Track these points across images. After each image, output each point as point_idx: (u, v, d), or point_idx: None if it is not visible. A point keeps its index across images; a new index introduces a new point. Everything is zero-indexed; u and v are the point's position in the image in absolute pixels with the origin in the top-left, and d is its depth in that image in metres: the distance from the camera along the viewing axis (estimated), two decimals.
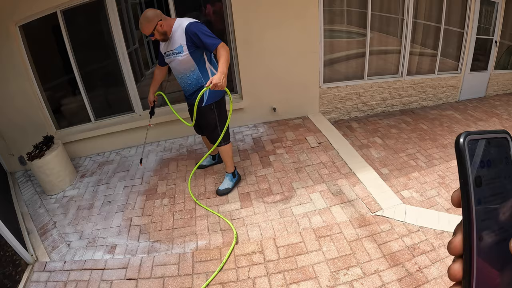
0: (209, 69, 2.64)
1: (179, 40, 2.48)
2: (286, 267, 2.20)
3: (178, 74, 2.66)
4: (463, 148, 0.33)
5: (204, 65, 2.61)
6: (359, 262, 2.22)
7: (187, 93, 2.77)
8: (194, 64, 2.56)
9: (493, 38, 5.40)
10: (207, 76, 2.61)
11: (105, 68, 3.79)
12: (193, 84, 2.65)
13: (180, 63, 2.55)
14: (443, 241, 2.40)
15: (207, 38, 2.41)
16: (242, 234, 2.52)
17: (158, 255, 2.43)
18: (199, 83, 2.64)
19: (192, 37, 2.43)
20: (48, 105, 3.75)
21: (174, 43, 2.51)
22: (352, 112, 4.66)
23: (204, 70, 2.62)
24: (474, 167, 0.33)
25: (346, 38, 4.44)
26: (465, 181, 0.33)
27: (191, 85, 2.66)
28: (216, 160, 3.45)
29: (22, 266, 2.46)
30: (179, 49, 2.50)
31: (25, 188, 3.61)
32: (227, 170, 3.04)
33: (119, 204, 3.05)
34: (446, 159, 3.77)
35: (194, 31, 2.41)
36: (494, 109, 5.33)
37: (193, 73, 2.60)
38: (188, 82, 2.65)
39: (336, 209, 2.71)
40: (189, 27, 2.43)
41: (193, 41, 2.44)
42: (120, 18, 3.56)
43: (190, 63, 2.54)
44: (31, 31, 3.41)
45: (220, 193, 2.99)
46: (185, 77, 2.63)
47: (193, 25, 2.44)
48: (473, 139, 0.34)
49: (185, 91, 2.78)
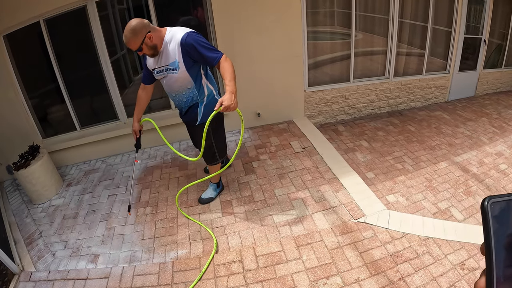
0: (205, 85, 2.40)
1: (173, 55, 2.18)
2: (264, 277, 2.21)
3: (171, 92, 2.40)
4: (486, 209, 0.41)
5: (201, 80, 2.36)
6: (340, 271, 2.22)
7: (181, 109, 2.55)
8: (191, 81, 2.29)
9: (481, 37, 5.40)
10: (202, 93, 2.39)
11: (89, 76, 3.78)
12: (188, 101, 2.42)
13: (176, 80, 2.28)
14: (428, 247, 2.40)
15: (207, 51, 2.13)
16: (223, 243, 2.52)
17: (139, 265, 2.44)
18: (194, 100, 2.42)
19: (189, 51, 2.14)
20: (34, 113, 3.75)
21: (167, 57, 2.21)
22: (338, 115, 4.67)
23: (201, 86, 2.37)
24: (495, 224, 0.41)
25: (331, 40, 4.43)
26: (487, 235, 0.41)
27: (186, 103, 2.43)
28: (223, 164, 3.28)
29: (9, 276, 2.48)
30: (173, 65, 2.22)
31: (13, 197, 3.62)
32: (212, 180, 2.99)
33: (103, 213, 3.06)
34: (434, 161, 3.78)
35: (191, 44, 2.12)
36: (483, 109, 5.34)
37: (189, 90, 2.34)
38: (183, 100, 2.41)
39: (318, 216, 2.71)
40: (184, 39, 2.13)
41: (190, 55, 2.16)
42: (107, 25, 3.57)
43: (187, 79, 2.28)
44: (15, 40, 3.41)
45: (203, 201, 2.98)
46: (180, 95, 2.38)
47: (189, 37, 2.13)
48: (495, 201, 0.42)
49: (179, 108, 2.55)
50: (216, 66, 2.16)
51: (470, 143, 4.22)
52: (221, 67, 2.13)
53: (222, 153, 2.70)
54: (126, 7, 3.89)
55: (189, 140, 4.08)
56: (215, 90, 2.50)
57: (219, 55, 2.14)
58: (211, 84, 2.45)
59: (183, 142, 4.13)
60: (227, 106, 1.98)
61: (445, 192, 3.27)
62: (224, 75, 2.11)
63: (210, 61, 2.15)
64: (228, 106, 1.98)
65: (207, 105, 2.45)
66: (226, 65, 2.12)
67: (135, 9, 3.77)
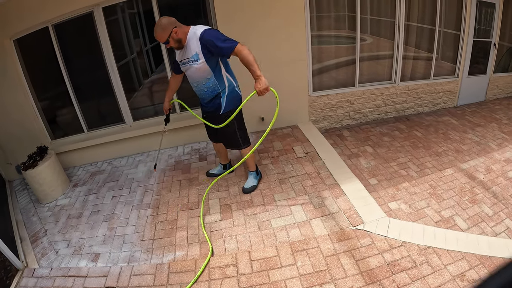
0: (225, 76, 2.68)
1: (194, 48, 2.49)
2: (258, 281, 2.22)
3: (194, 82, 2.69)
4: None
5: (220, 72, 2.64)
6: (334, 279, 2.20)
7: (203, 100, 2.81)
8: (210, 72, 2.58)
9: (491, 41, 5.28)
10: (222, 83, 2.67)
11: (96, 80, 3.88)
12: (209, 91, 2.69)
13: (197, 71, 2.57)
14: (427, 257, 2.35)
15: (222, 43, 2.40)
16: (219, 246, 2.55)
17: (137, 265, 2.49)
18: (215, 90, 2.68)
19: (207, 44, 2.43)
20: (43, 116, 3.87)
21: (189, 51, 2.53)
22: (344, 120, 4.64)
23: (220, 77, 2.65)
24: None
25: (336, 44, 4.41)
26: None
27: (208, 93, 2.70)
28: (226, 170, 3.40)
29: (13, 271, 2.58)
30: (195, 57, 2.52)
31: (21, 196, 3.74)
32: (249, 169, 3.19)
33: (106, 214, 3.13)
34: (439, 168, 3.71)
35: (208, 38, 2.42)
36: (493, 114, 5.22)
37: (209, 80, 2.62)
38: (204, 89, 2.69)
39: (316, 222, 2.70)
40: (203, 34, 2.44)
41: (208, 48, 2.45)
42: (114, 29, 3.65)
43: (207, 70, 2.57)
44: (25, 44, 3.53)
45: (247, 191, 3.11)
46: (201, 85, 2.66)
47: (207, 32, 2.45)
48: None
49: (202, 98, 2.81)
50: (233, 55, 2.42)
51: (478, 149, 4.13)
52: (240, 56, 2.39)
53: (245, 138, 2.94)
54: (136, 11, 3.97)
55: (193, 143, 4.16)
56: (235, 83, 2.78)
57: (233, 44, 2.39)
58: (231, 77, 2.72)
59: (187, 145, 4.18)
60: (261, 90, 2.36)
61: (449, 200, 3.20)
62: (245, 64, 2.39)
63: (225, 51, 2.42)
64: (261, 90, 2.36)
65: (229, 95, 2.73)
66: (244, 54, 2.36)
67: (141, 14, 3.84)
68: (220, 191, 3.20)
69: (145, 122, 4.09)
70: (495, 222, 2.93)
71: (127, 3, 3.65)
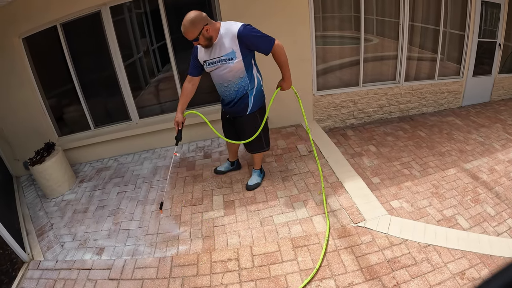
0: (255, 75, 2.59)
1: (230, 46, 2.35)
2: (259, 276, 2.25)
3: (224, 82, 2.53)
4: None
5: (252, 70, 2.55)
6: (334, 274, 2.23)
7: (230, 101, 2.64)
8: (244, 71, 2.47)
9: (496, 41, 5.27)
10: (253, 82, 2.57)
11: (103, 78, 3.95)
12: (239, 91, 2.56)
13: (231, 70, 2.44)
14: (427, 255, 2.36)
15: (262, 40, 2.34)
16: (221, 241, 2.59)
17: (140, 258, 2.54)
18: (245, 89, 2.57)
19: (247, 42, 2.33)
20: (51, 113, 3.95)
21: (223, 48, 2.37)
22: (348, 119, 4.66)
23: (252, 76, 2.55)
24: None
25: (340, 44, 4.43)
26: None
27: (238, 93, 2.57)
28: (234, 166, 3.45)
29: (19, 264, 2.65)
30: (230, 55, 2.38)
31: (28, 191, 3.81)
32: (255, 167, 3.22)
33: (111, 209, 3.19)
34: (442, 168, 3.71)
35: (247, 35, 2.31)
36: (498, 115, 5.20)
37: (242, 80, 2.51)
38: (234, 89, 2.56)
39: (317, 219, 2.73)
40: (242, 31, 2.30)
41: (247, 45, 2.35)
42: (123, 28, 3.72)
43: (241, 69, 2.45)
44: (33, 43, 3.61)
45: (250, 188, 3.14)
46: (233, 85, 2.53)
47: (246, 29, 2.32)
48: None
49: (228, 99, 2.65)
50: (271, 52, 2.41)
51: (482, 149, 4.13)
52: (276, 53, 2.42)
53: (268, 140, 2.94)
54: (143, 10, 4.03)
55: (198, 141, 4.21)
56: (262, 81, 2.72)
57: (272, 43, 2.37)
58: (259, 74, 2.66)
59: (192, 143, 4.23)
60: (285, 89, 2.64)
61: (451, 199, 3.20)
62: (279, 62, 2.49)
63: (264, 50, 2.39)
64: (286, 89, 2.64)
65: (256, 95, 2.65)
66: (280, 53, 2.41)
67: (148, 14, 3.90)
68: (224, 187, 3.25)
69: (151, 120, 4.15)
70: (497, 222, 2.93)
71: (134, 2, 3.71)
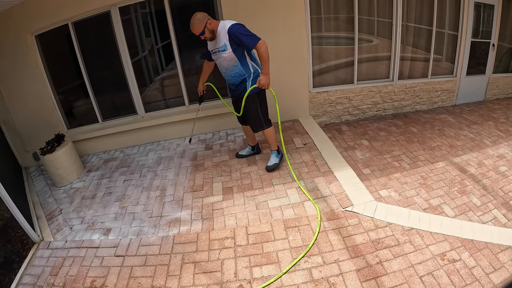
0: (250, 64, 3.07)
1: (223, 40, 2.89)
2: (252, 252, 2.45)
3: (223, 69, 3.11)
4: None
5: (245, 60, 3.03)
6: (321, 252, 2.41)
7: (232, 85, 3.20)
8: (236, 60, 2.98)
9: (490, 41, 5.43)
10: (248, 70, 3.07)
11: (112, 74, 4.19)
12: (236, 77, 3.09)
13: (225, 59, 2.98)
14: (410, 237, 2.51)
15: (246, 38, 2.82)
16: (220, 222, 2.80)
17: (145, 237, 2.75)
18: (241, 75, 3.08)
19: (234, 37, 2.84)
20: (61, 106, 4.19)
21: (219, 42, 2.93)
22: (343, 115, 4.85)
23: (246, 65, 3.05)
24: None
25: (335, 45, 4.63)
26: None
27: (235, 78, 3.10)
28: (255, 151, 3.78)
29: (29, 244, 2.87)
30: (223, 47, 2.93)
31: (38, 181, 4.05)
32: (272, 148, 3.48)
33: (118, 195, 3.42)
34: (431, 161, 3.85)
35: (235, 32, 2.82)
36: (491, 113, 5.34)
37: (236, 67, 3.03)
38: (232, 75, 3.09)
39: (309, 203, 2.92)
40: (231, 28, 2.84)
41: (235, 40, 2.85)
42: (130, 27, 3.95)
43: (233, 59, 2.97)
44: (46, 40, 3.85)
45: (269, 169, 3.41)
46: (229, 71, 3.07)
47: (235, 27, 2.84)
48: None
49: (230, 83, 3.21)
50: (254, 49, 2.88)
51: (472, 145, 4.26)
52: (258, 51, 2.86)
53: (267, 119, 3.32)
54: (148, 11, 4.26)
55: (200, 134, 4.44)
56: (260, 69, 3.11)
57: (255, 41, 2.82)
58: (256, 64, 3.11)
59: (195, 136, 4.44)
60: (262, 84, 2.93)
61: (439, 190, 3.32)
62: (260, 59, 2.93)
63: (248, 46, 2.86)
64: (263, 84, 2.93)
65: (254, 80, 3.10)
66: (261, 52, 2.84)
67: (153, 14, 4.13)
68: (223, 176, 3.46)
69: (156, 114, 4.38)
70: (482, 212, 3.03)
71: (140, 3, 3.94)
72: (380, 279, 2.18)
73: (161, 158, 4.02)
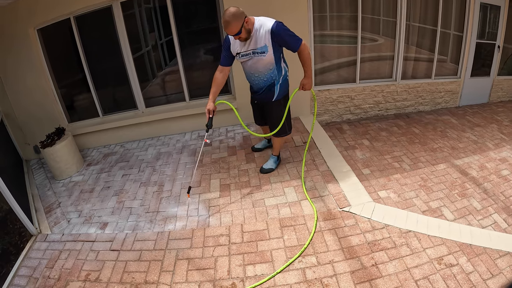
0: (283, 67, 2.85)
1: (263, 40, 2.57)
2: (247, 250, 2.45)
3: (255, 72, 2.80)
4: None
5: (280, 63, 2.80)
6: (316, 252, 2.39)
7: (259, 89, 2.94)
8: (273, 63, 2.72)
9: (495, 43, 5.36)
10: (280, 73, 2.83)
11: (113, 68, 4.19)
12: (268, 80, 2.83)
13: (262, 61, 2.69)
14: (407, 240, 2.48)
15: (291, 39, 2.58)
16: (215, 219, 2.79)
17: (140, 232, 2.76)
18: (273, 79, 2.83)
19: (278, 38, 2.56)
20: (62, 100, 4.20)
21: (257, 42, 2.59)
22: (344, 114, 4.82)
23: (280, 67, 2.81)
24: None
25: (337, 43, 4.59)
26: None
27: (266, 82, 2.84)
28: (270, 144, 3.71)
29: (27, 237, 2.89)
30: (263, 49, 2.61)
31: (38, 174, 4.07)
32: (273, 153, 3.39)
33: (116, 189, 3.43)
34: (432, 163, 3.82)
35: (281, 32, 2.54)
36: (495, 116, 5.28)
37: (271, 71, 2.77)
38: (264, 79, 2.83)
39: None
40: (275, 27, 2.53)
41: (278, 41, 2.58)
42: (133, 22, 3.94)
43: (271, 61, 2.70)
44: (47, 34, 3.85)
45: (264, 171, 3.33)
46: (262, 75, 2.80)
47: (279, 26, 2.54)
48: None
49: (256, 87, 2.95)
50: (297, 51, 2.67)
51: (474, 147, 4.22)
52: (302, 53, 2.67)
53: (290, 127, 3.19)
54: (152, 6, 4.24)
55: (199, 131, 4.42)
56: (288, 72, 2.96)
57: (299, 43, 2.61)
58: (286, 65, 2.91)
59: (195, 132, 4.45)
60: (306, 87, 2.84)
61: (439, 192, 3.29)
62: (302, 62, 2.73)
63: (292, 48, 2.65)
64: (307, 87, 2.84)
65: (282, 84, 2.91)
66: (304, 55, 2.67)
67: (156, 9, 4.11)
68: (221, 172, 3.45)
69: (156, 109, 4.38)
70: (482, 216, 2.99)
71: None
72: (375, 282, 2.16)
73: (160, 153, 4.02)
